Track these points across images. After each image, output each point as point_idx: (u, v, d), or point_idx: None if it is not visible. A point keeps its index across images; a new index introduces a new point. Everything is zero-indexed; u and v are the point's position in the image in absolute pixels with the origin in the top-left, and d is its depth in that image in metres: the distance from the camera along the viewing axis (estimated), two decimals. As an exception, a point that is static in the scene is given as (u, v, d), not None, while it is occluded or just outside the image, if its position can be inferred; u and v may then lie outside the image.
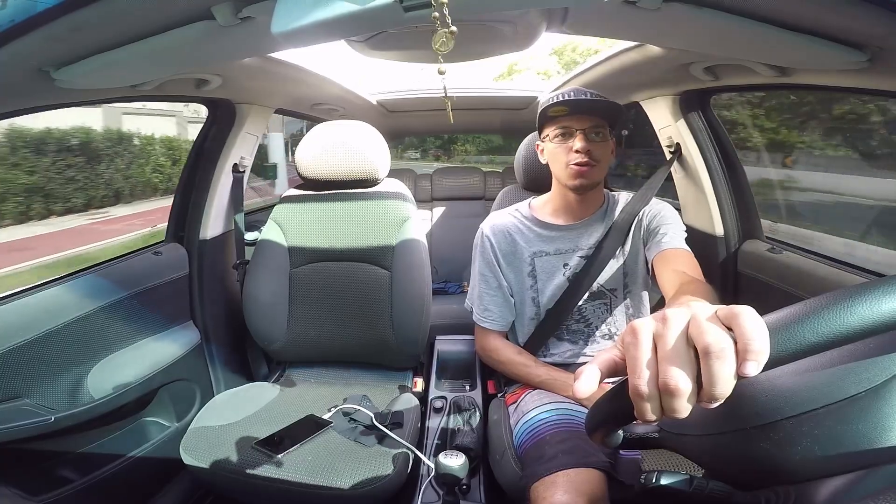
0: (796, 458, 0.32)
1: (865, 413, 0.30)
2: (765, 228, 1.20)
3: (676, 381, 0.27)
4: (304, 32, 0.53)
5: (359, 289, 1.20)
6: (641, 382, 0.28)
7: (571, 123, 0.91)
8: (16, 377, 0.86)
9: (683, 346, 0.28)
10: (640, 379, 0.29)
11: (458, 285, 2.10)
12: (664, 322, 0.29)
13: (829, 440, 0.31)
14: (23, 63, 0.63)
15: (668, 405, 0.28)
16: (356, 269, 1.21)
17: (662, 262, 0.86)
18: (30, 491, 0.88)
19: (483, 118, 2.30)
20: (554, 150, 0.94)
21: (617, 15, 0.67)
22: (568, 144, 0.91)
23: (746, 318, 0.26)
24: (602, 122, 0.91)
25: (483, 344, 1.04)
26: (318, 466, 0.84)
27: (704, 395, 0.27)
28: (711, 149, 1.21)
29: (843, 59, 0.60)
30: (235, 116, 1.32)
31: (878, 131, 2.09)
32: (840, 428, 0.31)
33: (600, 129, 0.91)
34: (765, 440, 0.33)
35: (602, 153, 0.92)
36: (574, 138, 0.90)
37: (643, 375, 0.28)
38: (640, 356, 0.29)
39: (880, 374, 0.31)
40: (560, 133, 0.92)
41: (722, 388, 0.26)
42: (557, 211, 1.02)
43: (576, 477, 0.71)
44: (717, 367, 0.26)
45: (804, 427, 0.32)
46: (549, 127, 0.95)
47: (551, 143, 0.95)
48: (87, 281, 1.04)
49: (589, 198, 0.99)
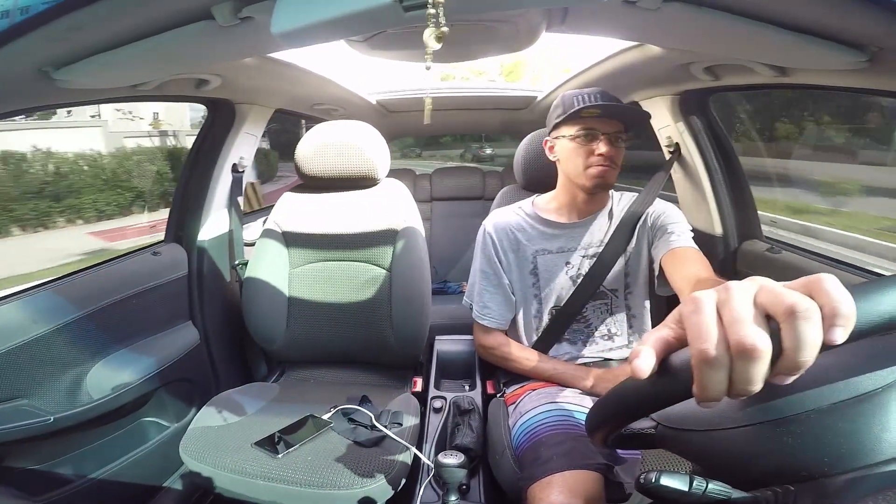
0: (821, 452, 0.31)
1: (882, 409, 0.31)
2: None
3: (753, 338, 0.24)
4: (303, 32, 0.53)
5: (358, 289, 1.20)
6: (710, 346, 0.25)
7: (598, 126, 0.90)
8: (16, 377, 0.86)
9: (754, 311, 0.25)
10: (708, 342, 0.25)
11: (458, 285, 2.10)
12: (727, 290, 0.26)
13: (853, 434, 0.31)
14: (23, 63, 0.63)
15: (743, 373, 0.24)
16: (355, 269, 1.21)
17: (673, 261, 0.86)
18: (30, 491, 0.88)
19: (483, 118, 2.30)
20: (574, 149, 0.92)
21: (617, 15, 0.67)
22: (591, 147, 0.90)
23: (831, 283, 0.24)
24: (622, 128, 0.92)
25: (483, 341, 1.04)
26: (317, 466, 0.84)
27: (786, 364, 0.24)
28: (711, 149, 1.22)
29: (843, 59, 0.60)
30: (235, 116, 1.32)
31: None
32: (859, 423, 0.31)
33: (622, 135, 0.92)
34: (788, 435, 0.32)
35: (620, 157, 0.92)
36: (598, 141, 0.90)
37: (710, 338, 0.25)
38: (704, 320, 0.26)
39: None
40: (583, 134, 0.91)
41: (809, 353, 0.23)
42: (562, 209, 1.01)
43: (572, 479, 0.71)
44: (804, 329, 0.23)
45: (827, 420, 0.31)
46: (569, 125, 0.93)
47: (571, 142, 0.93)
48: (86, 281, 1.04)
49: (598, 197, 0.99)
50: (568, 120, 0.92)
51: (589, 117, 0.90)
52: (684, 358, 0.28)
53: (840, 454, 0.31)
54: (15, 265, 3.16)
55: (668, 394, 0.30)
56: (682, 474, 0.35)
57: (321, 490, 0.81)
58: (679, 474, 0.35)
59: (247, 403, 1.05)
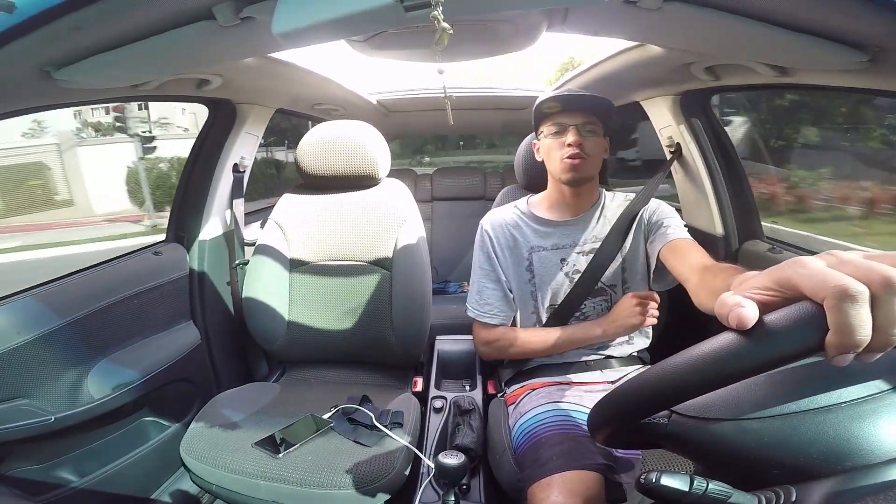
0: (863, 441, 0.31)
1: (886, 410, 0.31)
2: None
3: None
4: (304, 32, 0.53)
5: (359, 289, 1.20)
6: (847, 281, 0.24)
7: (564, 120, 0.94)
8: (16, 377, 0.86)
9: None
10: (843, 280, 0.24)
11: (458, 285, 2.10)
12: (830, 254, 0.26)
13: (854, 434, 0.31)
14: (24, 63, 0.63)
15: (892, 311, 0.23)
16: (356, 269, 1.21)
17: (673, 252, 0.87)
18: (30, 491, 0.88)
19: (483, 118, 2.30)
20: (549, 145, 0.97)
21: (617, 14, 0.67)
22: (561, 140, 0.94)
23: None
24: (594, 119, 0.95)
25: (485, 337, 1.02)
26: (318, 466, 0.84)
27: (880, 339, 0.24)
28: (712, 149, 1.21)
29: (844, 59, 0.60)
30: (236, 116, 1.32)
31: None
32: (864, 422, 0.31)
33: (592, 126, 0.94)
34: (830, 425, 0.32)
35: (594, 148, 0.94)
36: (567, 133, 0.93)
37: (843, 277, 0.24)
38: (825, 268, 0.25)
39: None
40: (554, 130, 0.95)
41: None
42: (553, 207, 1.03)
43: (572, 479, 0.72)
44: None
45: (867, 406, 0.31)
46: (544, 124, 0.98)
47: (546, 139, 0.98)
48: (87, 281, 1.04)
49: (583, 193, 1.00)
50: (541, 120, 0.98)
51: (556, 113, 0.95)
52: (805, 307, 0.26)
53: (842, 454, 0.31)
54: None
55: (784, 350, 0.27)
56: (682, 474, 0.35)
57: (321, 490, 0.81)
58: (680, 474, 0.35)
59: (247, 403, 1.05)
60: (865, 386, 0.33)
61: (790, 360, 0.27)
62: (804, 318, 0.26)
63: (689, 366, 0.31)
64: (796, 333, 0.26)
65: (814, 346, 0.25)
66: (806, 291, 0.26)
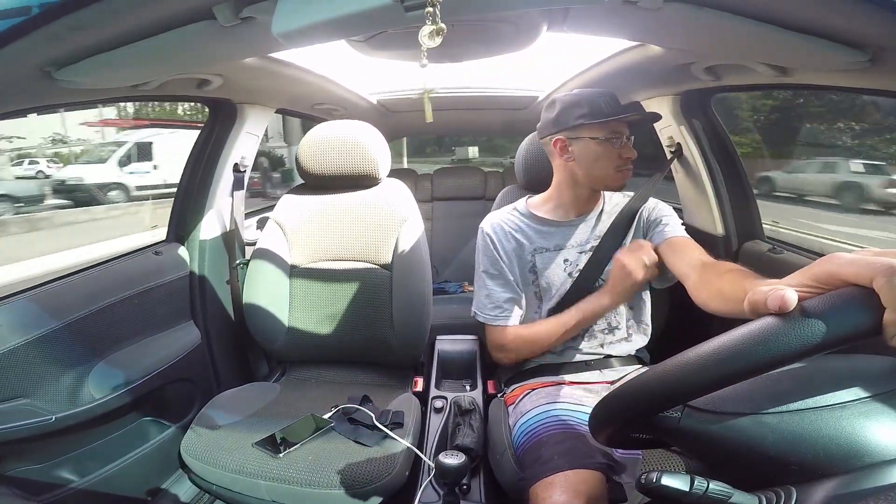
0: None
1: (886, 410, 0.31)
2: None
3: None
4: (304, 32, 0.53)
5: (359, 288, 1.20)
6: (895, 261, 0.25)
7: (623, 130, 0.94)
8: (17, 377, 0.86)
9: None
10: (890, 260, 0.25)
11: (459, 285, 2.10)
12: (862, 249, 0.27)
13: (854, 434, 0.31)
14: (24, 63, 0.63)
15: None
16: (356, 269, 1.21)
17: (672, 250, 0.88)
18: (30, 491, 0.88)
19: (483, 118, 2.30)
20: (597, 151, 0.93)
21: (617, 14, 0.67)
22: (615, 149, 0.93)
23: None
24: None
25: (501, 340, 0.99)
26: (318, 466, 0.84)
27: None
28: (712, 149, 1.21)
29: (844, 59, 0.60)
30: (236, 116, 1.32)
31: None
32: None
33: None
34: (847, 420, 0.32)
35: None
36: (623, 144, 0.94)
37: (889, 259, 0.25)
38: (864, 256, 0.26)
39: None
40: (607, 136, 0.93)
41: None
42: (559, 208, 1.03)
43: (573, 478, 0.71)
44: None
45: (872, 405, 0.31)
46: (596, 128, 0.93)
47: (591, 143, 0.93)
48: (87, 281, 1.04)
49: (596, 196, 1.02)
50: (584, 121, 0.92)
51: (612, 120, 0.92)
52: (853, 290, 0.25)
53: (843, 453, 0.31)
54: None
55: (836, 331, 0.25)
56: (683, 474, 0.35)
57: (322, 490, 0.81)
58: (680, 474, 0.35)
59: (248, 403, 1.05)
60: (875, 384, 0.33)
61: (839, 344, 0.26)
62: (855, 298, 0.25)
63: (728, 350, 0.29)
64: (848, 314, 0.25)
65: (867, 327, 0.25)
66: (850, 278, 0.26)
